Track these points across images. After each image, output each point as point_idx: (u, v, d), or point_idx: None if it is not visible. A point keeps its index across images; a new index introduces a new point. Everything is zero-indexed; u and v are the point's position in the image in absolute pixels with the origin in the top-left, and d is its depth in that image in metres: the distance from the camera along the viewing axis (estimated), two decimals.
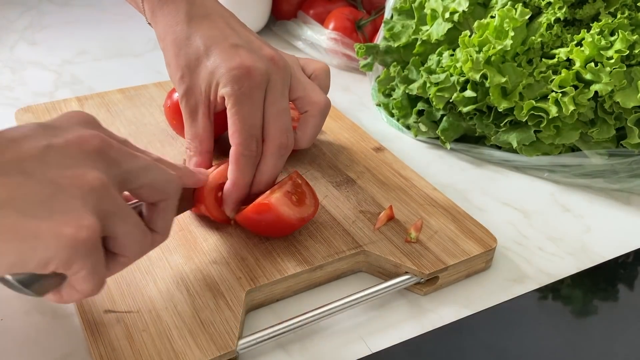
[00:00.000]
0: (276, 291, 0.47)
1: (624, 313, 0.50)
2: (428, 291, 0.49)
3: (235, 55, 0.48)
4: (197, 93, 0.50)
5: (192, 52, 0.50)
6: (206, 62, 0.49)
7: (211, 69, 0.49)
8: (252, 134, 0.48)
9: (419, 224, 0.52)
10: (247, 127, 0.48)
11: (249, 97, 0.48)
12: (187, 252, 0.48)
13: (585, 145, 0.62)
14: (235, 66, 0.48)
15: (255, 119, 0.48)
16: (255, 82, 0.48)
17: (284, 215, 0.47)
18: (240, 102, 0.47)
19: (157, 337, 0.41)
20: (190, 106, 0.50)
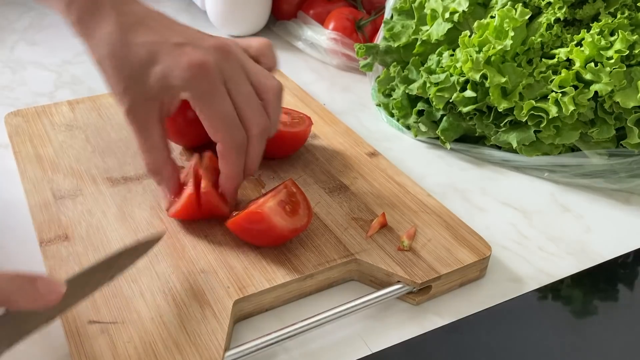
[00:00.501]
0: (265, 301, 0.46)
1: (624, 313, 0.50)
2: (421, 300, 0.48)
3: (182, 54, 0.47)
4: (146, 104, 0.48)
5: (135, 61, 0.47)
6: (153, 68, 0.47)
7: (162, 74, 0.47)
8: (232, 125, 0.48)
9: (412, 232, 0.51)
10: (225, 121, 0.47)
11: (213, 92, 0.47)
12: (174, 260, 0.48)
13: (585, 145, 0.62)
14: (187, 66, 0.46)
15: (228, 110, 0.47)
16: (212, 76, 0.47)
17: (277, 226, 0.47)
18: (206, 100, 0.47)
19: (141, 349, 0.41)
20: (140, 119, 0.48)
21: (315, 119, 0.68)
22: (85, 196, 0.54)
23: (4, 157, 0.63)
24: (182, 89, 0.47)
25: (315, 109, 0.71)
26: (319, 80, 0.84)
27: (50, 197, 0.54)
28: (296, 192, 0.51)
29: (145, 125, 0.48)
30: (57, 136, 0.63)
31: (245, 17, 0.93)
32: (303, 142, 0.62)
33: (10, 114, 0.66)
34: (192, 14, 1.05)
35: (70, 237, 0.50)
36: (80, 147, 0.61)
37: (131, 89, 0.47)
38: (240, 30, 0.95)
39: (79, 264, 0.47)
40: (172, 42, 0.48)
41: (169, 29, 0.49)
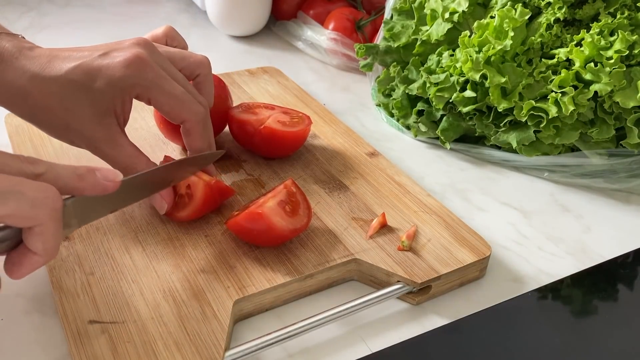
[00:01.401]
0: (265, 301, 0.46)
1: (623, 313, 0.50)
2: (420, 300, 0.48)
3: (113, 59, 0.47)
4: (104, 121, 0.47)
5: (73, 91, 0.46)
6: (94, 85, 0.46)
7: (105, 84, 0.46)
8: (191, 101, 0.49)
9: (411, 232, 0.51)
10: (182, 99, 0.48)
11: (160, 78, 0.47)
12: (175, 260, 0.48)
13: (585, 145, 0.62)
14: (125, 65, 0.46)
15: (180, 89, 0.49)
16: (152, 64, 0.47)
17: (277, 226, 0.47)
18: (157, 87, 0.47)
19: (141, 349, 0.41)
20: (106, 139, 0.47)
21: (315, 119, 0.68)
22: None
23: None
24: (131, 86, 0.47)
25: (315, 109, 0.71)
26: (319, 80, 0.84)
27: None
28: (296, 192, 0.51)
29: (112, 143, 0.48)
30: None
31: (245, 17, 0.93)
32: (303, 141, 0.62)
33: (10, 114, 0.66)
34: (192, 14, 1.05)
35: (70, 237, 0.50)
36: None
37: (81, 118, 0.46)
38: (240, 30, 0.95)
39: (79, 264, 0.47)
40: (96, 55, 0.47)
41: (82, 51, 0.48)
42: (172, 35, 0.55)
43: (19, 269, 0.36)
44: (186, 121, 0.49)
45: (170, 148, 0.62)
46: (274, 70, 0.81)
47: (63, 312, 0.43)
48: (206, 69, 0.53)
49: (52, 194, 0.35)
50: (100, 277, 0.46)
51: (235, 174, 0.59)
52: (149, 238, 0.50)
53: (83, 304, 0.44)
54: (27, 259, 0.36)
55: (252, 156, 0.61)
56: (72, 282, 0.45)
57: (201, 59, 0.53)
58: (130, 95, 0.48)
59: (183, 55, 0.52)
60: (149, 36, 0.54)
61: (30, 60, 0.47)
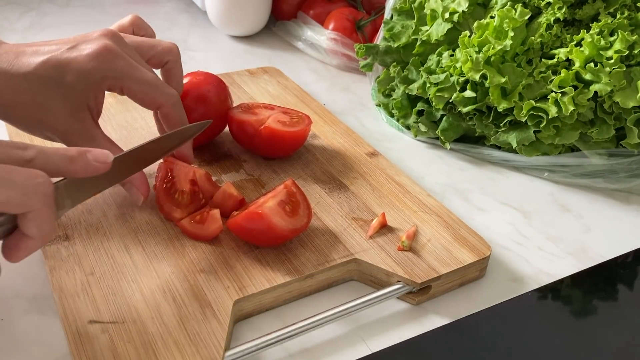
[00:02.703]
0: (265, 301, 0.46)
1: (623, 313, 0.50)
2: (420, 300, 0.48)
3: (82, 51, 0.47)
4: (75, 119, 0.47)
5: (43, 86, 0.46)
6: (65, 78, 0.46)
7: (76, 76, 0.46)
8: (163, 86, 0.50)
9: (411, 232, 0.51)
10: (156, 84, 0.49)
11: (130, 66, 0.48)
12: (174, 260, 0.48)
13: (585, 146, 0.62)
14: (95, 56, 0.46)
15: (151, 75, 0.49)
16: (120, 54, 0.48)
17: (276, 226, 0.47)
18: (129, 75, 0.47)
19: (141, 349, 0.41)
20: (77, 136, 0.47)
21: (315, 119, 0.68)
22: None
23: None
24: (102, 78, 0.47)
25: (315, 109, 0.71)
26: (319, 80, 0.84)
27: None
28: (296, 192, 0.51)
29: (87, 136, 0.47)
30: None
31: (245, 17, 0.93)
32: (303, 141, 0.62)
33: None
34: (192, 14, 1.05)
35: (70, 237, 0.50)
36: None
37: (55, 113, 0.46)
38: (240, 30, 0.95)
39: (79, 264, 0.47)
40: (64, 49, 0.47)
41: (48, 44, 0.48)
42: (138, 24, 0.55)
43: (16, 252, 0.37)
44: (162, 106, 0.50)
45: None
46: (274, 70, 0.81)
47: (63, 312, 0.43)
48: (175, 56, 0.53)
49: (42, 180, 0.35)
50: (100, 277, 0.46)
51: (235, 174, 0.59)
52: (149, 238, 0.50)
53: (83, 304, 0.44)
54: (23, 243, 0.36)
55: (252, 156, 0.61)
56: (72, 282, 0.45)
57: (170, 46, 0.53)
58: (102, 88, 0.48)
59: (151, 43, 0.52)
60: (116, 26, 0.54)
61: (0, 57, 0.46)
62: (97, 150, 0.39)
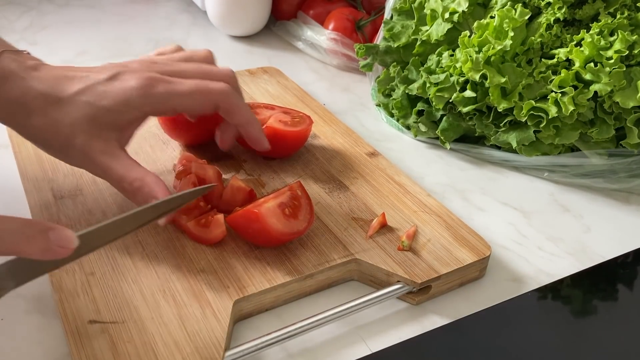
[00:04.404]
0: (265, 301, 0.46)
1: (623, 313, 0.50)
2: (420, 300, 0.48)
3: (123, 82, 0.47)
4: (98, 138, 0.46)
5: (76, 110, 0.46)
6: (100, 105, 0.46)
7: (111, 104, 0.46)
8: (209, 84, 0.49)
9: (411, 232, 0.51)
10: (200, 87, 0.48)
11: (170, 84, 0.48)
12: (175, 260, 0.48)
13: (584, 145, 0.62)
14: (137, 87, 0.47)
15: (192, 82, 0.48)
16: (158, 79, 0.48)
17: (272, 227, 0.47)
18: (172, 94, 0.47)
19: (141, 349, 0.41)
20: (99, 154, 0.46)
21: (315, 119, 0.68)
22: (85, 196, 0.54)
23: (4, 157, 0.63)
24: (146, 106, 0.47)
25: (315, 109, 0.71)
26: (319, 80, 0.84)
27: (51, 197, 0.54)
28: (301, 195, 0.50)
29: (108, 155, 0.47)
30: None
31: (245, 17, 0.93)
32: (303, 141, 0.62)
33: None
34: (192, 14, 1.05)
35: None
36: None
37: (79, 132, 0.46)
38: (240, 30, 0.95)
39: (79, 264, 0.47)
40: (104, 78, 0.47)
41: (91, 72, 0.48)
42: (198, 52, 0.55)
43: None
44: (218, 103, 0.49)
45: (170, 148, 0.62)
46: (274, 70, 0.81)
47: (63, 312, 0.43)
48: (210, 62, 0.53)
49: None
50: (100, 277, 0.46)
51: (235, 174, 0.59)
52: (149, 238, 0.50)
53: (83, 304, 0.44)
54: None
55: (252, 156, 0.61)
56: (72, 282, 0.45)
57: (204, 54, 0.53)
58: (144, 116, 0.48)
59: (185, 55, 0.52)
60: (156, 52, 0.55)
61: (36, 81, 0.46)
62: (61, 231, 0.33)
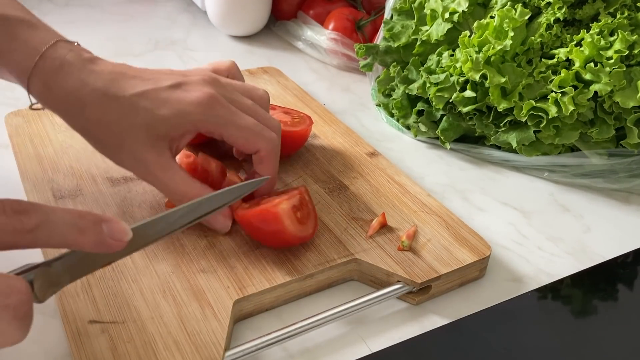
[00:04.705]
0: (265, 301, 0.46)
1: (623, 313, 0.50)
2: (420, 300, 0.48)
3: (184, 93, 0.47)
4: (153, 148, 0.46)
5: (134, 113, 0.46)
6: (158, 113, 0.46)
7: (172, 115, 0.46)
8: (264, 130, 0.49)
9: (411, 232, 0.51)
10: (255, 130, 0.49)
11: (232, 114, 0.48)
12: (174, 260, 0.48)
13: (585, 145, 0.62)
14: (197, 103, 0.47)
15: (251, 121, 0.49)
16: (223, 102, 0.48)
17: (287, 229, 0.46)
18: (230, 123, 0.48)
19: (141, 348, 0.41)
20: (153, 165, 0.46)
21: (315, 119, 0.68)
22: (85, 196, 0.54)
23: (4, 157, 0.63)
24: (201, 122, 0.47)
25: (315, 109, 0.71)
26: (319, 80, 0.84)
27: (51, 197, 0.54)
28: (308, 200, 0.50)
29: (161, 166, 0.47)
30: (57, 136, 0.63)
31: (245, 17, 0.93)
32: (304, 141, 0.62)
33: (10, 114, 0.66)
34: (192, 14, 1.05)
35: None
36: (80, 147, 0.61)
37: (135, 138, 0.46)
38: (240, 30, 0.95)
39: None
40: (167, 85, 0.47)
41: (153, 76, 0.48)
42: (234, 73, 0.56)
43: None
44: (260, 150, 0.50)
45: None
46: (274, 70, 0.81)
47: (63, 312, 0.43)
48: (265, 103, 0.54)
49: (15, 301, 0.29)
50: (100, 277, 0.46)
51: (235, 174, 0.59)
52: None
53: (83, 304, 0.44)
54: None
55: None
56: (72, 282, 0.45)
57: (262, 94, 0.53)
58: (197, 131, 0.48)
59: (245, 88, 0.53)
60: (212, 68, 0.55)
61: (94, 75, 0.46)
62: (115, 223, 0.33)
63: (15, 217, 0.30)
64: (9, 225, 0.30)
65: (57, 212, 0.31)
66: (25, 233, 0.30)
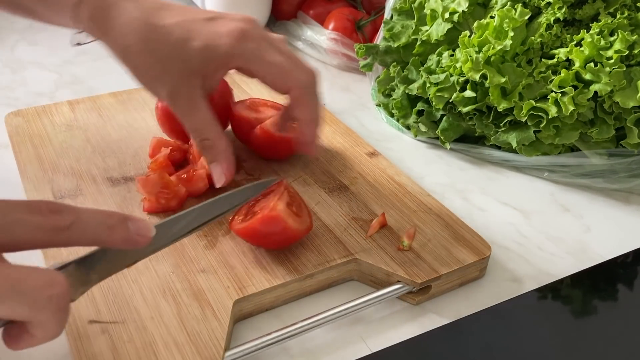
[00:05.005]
0: (265, 301, 0.46)
1: (623, 313, 0.50)
2: (420, 300, 0.48)
3: (218, 26, 0.47)
4: (190, 80, 0.47)
5: (170, 41, 0.47)
6: (192, 43, 0.47)
7: (204, 47, 0.47)
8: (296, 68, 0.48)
9: (411, 232, 0.51)
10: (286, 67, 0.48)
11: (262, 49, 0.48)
12: (174, 260, 0.48)
13: (584, 145, 0.62)
14: (228, 34, 0.47)
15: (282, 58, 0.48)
16: (255, 37, 0.48)
17: (291, 227, 0.46)
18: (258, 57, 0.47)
19: (141, 349, 0.41)
20: (185, 96, 0.47)
21: None
22: (86, 196, 0.54)
23: (4, 157, 0.63)
24: (231, 56, 0.47)
25: None
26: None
27: (51, 197, 0.54)
28: (294, 192, 0.50)
29: (192, 103, 0.48)
30: (57, 136, 0.63)
31: None
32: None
33: (10, 114, 0.66)
34: None
35: None
36: (80, 147, 0.61)
37: (170, 69, 0.47)
38: None
39: None
40: (202, 18, 0.48)
41: (191, 10, 0.49)
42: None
43: (17, 343, 0.32)
44: (291, 89, 0.49)
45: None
46: None
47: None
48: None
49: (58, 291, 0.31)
50: None
51: (236, 174, 0.59)
52: None
53: (83, 304, 0.44)
54: (24, 338, 0.32)
55: (252, 156, 0.61)
56: None
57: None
58: (228, 65, 0.48)
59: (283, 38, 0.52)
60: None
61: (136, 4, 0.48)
62: (138, 221, 0.35)
63: (52, 216, 0.31)
64: (47, 224, 0.31)
65: (87, 211, 0.33)
66: (61, 231, 0.32)
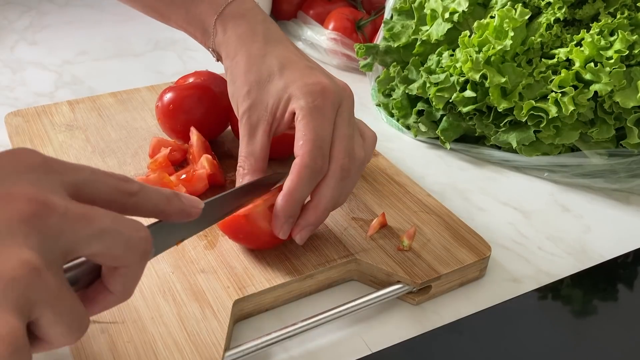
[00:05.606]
0: (265, 301, 0.46)
1: (623, 313, 0.50)
2: (420, 300, 0.48)
3: (311, 74, 0.49)
4: (261, 109, 0.49)
5: (265, 68, 0.50)
6: (279, 78, 0.49)
7: (284, 84, 0.49)
8: (320, 146, 0.46)
9: (411, 232, 0.51)
10: (317, 139, 0.46)
11: (322, 111, 0.47)
12: (174, 260, 0.48)
13: (585, 145, 0.62)
14: (311, 82, 0.48)
15: (325, 133, 0.47)
16: (329, 99, 0.48)
17: (261, 230, 0.46)
18: (313, 114, 0.47)
19: (141, 349, 0.41)
20: (252, 122, 0.50)
21: None
22: None
23: None
24: (297, 99, 0.48)
25: None
26: None
27: None
28: None
29: (252, 132, 0.50)
30: (57, 136, 0.63)
31: None
32: None
33: (10, 114, 0.66)
34: None
35: None
36: (80, 147, 0.61)
37: (253, 93, 0.49)
38: None
39: None
40: (305, 64, 0.50)
41: (304, 56, 0.52)
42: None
43: (92, 306, 0.33)
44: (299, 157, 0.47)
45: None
46: None
47: None
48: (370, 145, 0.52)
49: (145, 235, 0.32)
50: None
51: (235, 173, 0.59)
52: None
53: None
54: (102, 297, 0.33)
55: None
56: None
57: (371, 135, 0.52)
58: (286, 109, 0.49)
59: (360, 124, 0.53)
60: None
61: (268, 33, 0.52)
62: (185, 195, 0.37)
63: (124, 182, 0.34)
64: (121, 187, 0.33)
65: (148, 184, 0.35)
66: (131, 196, 0.34)
